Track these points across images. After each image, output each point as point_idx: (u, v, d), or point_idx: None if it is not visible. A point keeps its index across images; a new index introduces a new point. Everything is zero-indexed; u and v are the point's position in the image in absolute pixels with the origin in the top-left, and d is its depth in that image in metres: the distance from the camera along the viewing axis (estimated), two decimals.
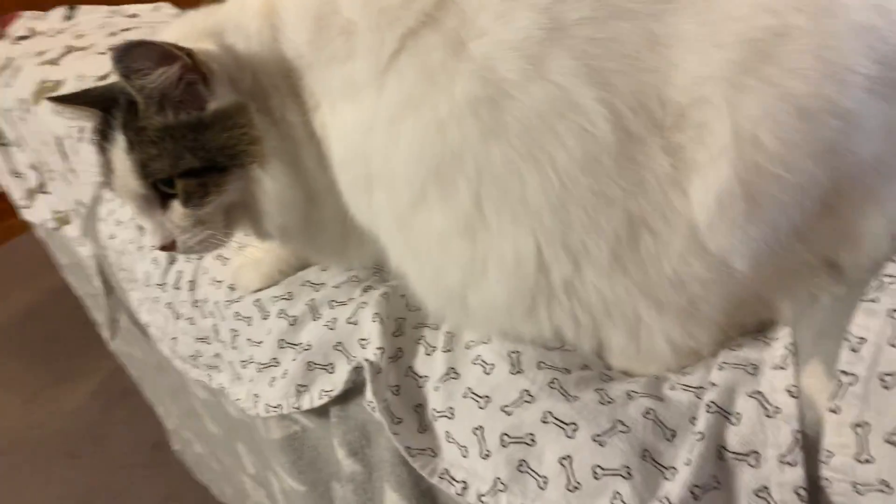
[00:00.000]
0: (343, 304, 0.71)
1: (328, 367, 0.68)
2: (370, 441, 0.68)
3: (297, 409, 0.69)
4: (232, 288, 0.80)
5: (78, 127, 1.19)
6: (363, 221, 0.63)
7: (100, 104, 0.64)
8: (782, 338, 0.53)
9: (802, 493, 0.47)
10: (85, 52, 1.40)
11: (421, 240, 0.57)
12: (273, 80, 0.61)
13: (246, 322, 0.77)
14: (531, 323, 0.58)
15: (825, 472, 0.47)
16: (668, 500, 0.49)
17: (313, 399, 0.68)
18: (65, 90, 1.28)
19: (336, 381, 0.66)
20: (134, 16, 1.59)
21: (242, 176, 0.61)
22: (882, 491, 0.45)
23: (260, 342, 0.75)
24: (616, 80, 0.49)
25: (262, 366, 0.73)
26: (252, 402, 0.74)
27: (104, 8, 1.67)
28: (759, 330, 0.56)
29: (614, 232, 0.50)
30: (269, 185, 0.61)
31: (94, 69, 1.32)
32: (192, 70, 0.59)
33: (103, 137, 0.63)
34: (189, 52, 0.59)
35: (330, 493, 0.78)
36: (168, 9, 1.68)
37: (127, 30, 1.48)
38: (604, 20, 0.49)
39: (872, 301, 0.46)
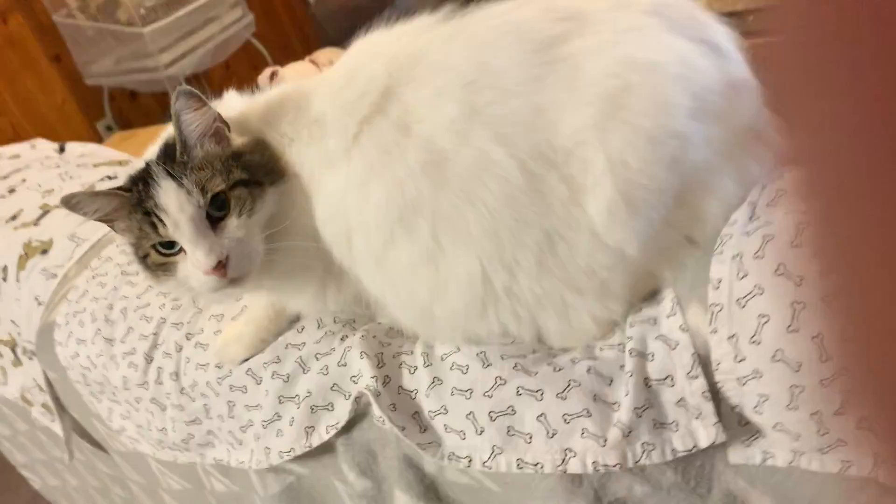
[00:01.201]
0: (328, 354, 0.86)
1: (328, 406, 0.82)
2: (376, 457, 0.83)
3: (309, 447, 0.83)
4: (219, 366, 0.93)
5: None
6: (346, 265, 0.79)
7: (121, 189, 0.77)
8: (667, 296, 0.74)
9: (707, 395, 0.68)
10: None
11: (394, 272, 0.75)
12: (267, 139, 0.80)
13: (241, 391, 0.90)
14: (484, 323, 0.76)
15: (717, 376, 0.68)
16: (621, 421, 0.68)
17: (321, 435, 0.82)
18: None
19: (339, 416, 0.81)
20: (16, 156, 1.67)
21: (275, 191, 0.77)
22: (755, 377, 0.66)
23: (257, 405, 0.89)
24: (518, 139, 0.69)
25: (266, 422, 0.86)
26: (264, 455, 0.87)
27: None
28: (651, 295, 0.77)
29: (537, 244, 0.70)
30: (297, 195, 0.78)
31: None
32: (220, 119, 0.76)
33: (141, 200, 0.75)
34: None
35: None
36: (43, 143, 1.76)
37: (18, 170, 1.56)
38: (502, 101, 0.69)
39: (721, 253, 0.68)
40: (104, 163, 1.51)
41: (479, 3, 0.75)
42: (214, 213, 0.74)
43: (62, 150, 1.66)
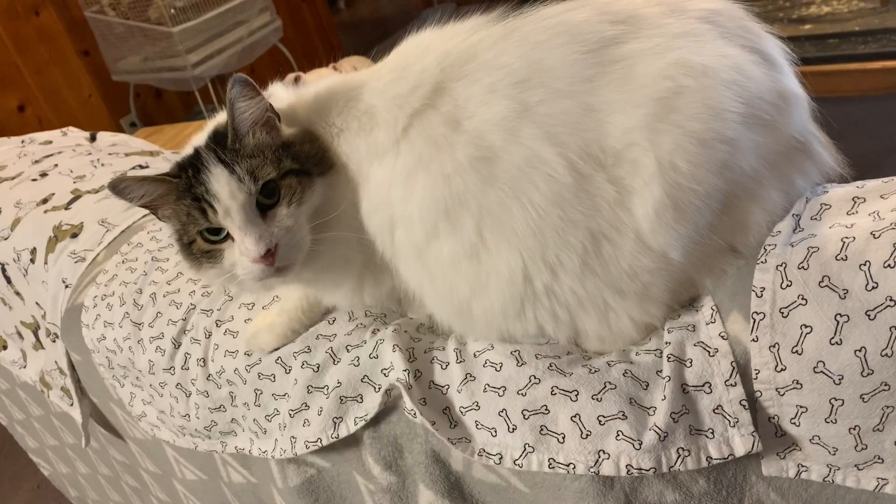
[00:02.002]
0: (358, 346, 0.86)
1: (357, 398, 0.82)
2: (402, 452, 0.82)
3: (336, 437, 0.83)
4: (248, 354, 0.93)
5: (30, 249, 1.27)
6: (386, 258, 0.80)
7: (169, 175, 0.78)
8: (707, 303, 0.74)
9: (745, 403, 0.67)
10: (15, 181, 1.48)
11: (435, 265, 0.75)
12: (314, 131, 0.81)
13: (269, 379, 0.90)
14: (520, 323, 0.76)
15: (756, 385, 0.68)
16: (657, 426, 0.67)
17: (349, 427, 0.82)
18: (3, 218, 1.35)
19: (368, 408, 0.81)
20: (48, 142, 1.68)
21: (323, 182, 0.77)
22: (795, 388, 0.66)
23: (285, 394, 0.89)
24: (567, 139, 0.69)
25: (294, 411, 0.86)
26: (289, 444, 0.87)
27: (14, 139, 1.74)
28: (690, 302, 0.77)
29: (581, 245, 0.70)
30: (346, 187, 0.78)
31: (30, 195, 1.41)
32: (271, 109, 0.77)
33: (192, 187, 0.76)
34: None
35: None
36: (75, 132, 1.78)
37: (49, 155, 1.57)
38: (553, 100, 0.70)
39: (764, 262, 0.68)
40: (135, 152, 1.52)
41: (531, 5, 0.76)
42: (264, 202, 0.75)
43: (93, 138, 1.68)
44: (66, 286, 1.21)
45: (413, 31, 0.82)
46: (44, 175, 1.45)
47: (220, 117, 0.83)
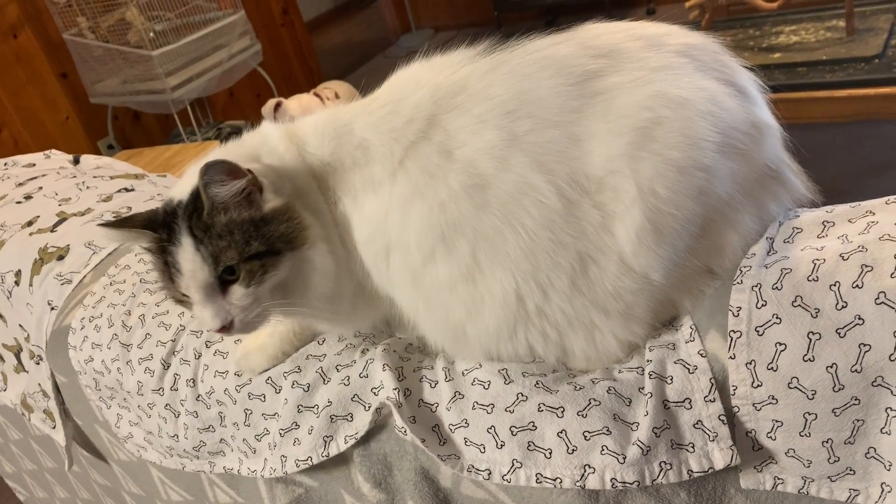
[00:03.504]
0: (348, 365, 0.88)
1: (348, 417, 0.84)
2: (391, 469, 0.84)
3: (326, 456, 0.84)
4: (238, 374, 0.94)
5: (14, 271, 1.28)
6: (381, 285, 0.82)
7: (147, 226, 0.80)
8: (686, 322, 0.77)
9: (723, 418, 0.70)
10: None
11: (431, 289, 0.77)
12: (305, 183, 0.81)
13: (259, 399, 0.91)
14: (511, 344, 0.79)
15: (734, 401, 0.71)
16: (640, 440, 0.70)
17: (340, 445, 0.84)
18: None
19: (358, 426, 0.83)
20: (31, 165, 1.69)
21: (294, 256, 0.79)
22: (771, 403, 0.69)
23: (275, 414, 0.90)
24: (555, 166, 0.73)
25: (284, 430, 0.88)
26: (279, 464, 0.88)
27: None
28: (670, 322, 0.80)
29: (570, 266, 0.73)
30: (319, 261, 0.80)
31: (15, 217, 1.41)
32: (253, 183, 0.78)
33: (163, 250, 0.79)
34: (250, 170, 0.77)
35: None
36: (58, 154, 1.78)
37: (33, 178, 1.58)
38: (541, 130, 0.73)
39: (740, 283, 0.72)
40: (120, 175, 1.53)
41: (517, 37, 0.80)
42: (226, 278, 0.77)
43: (77, 161, 1.69)
44: (52, 308, 1.21)
45: (398, 57, 0.85)
46: (28, 198, 1.46)
47: (230, 148, 0.86)
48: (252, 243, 0.76)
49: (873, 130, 2.61)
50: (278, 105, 3.13)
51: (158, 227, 0.80)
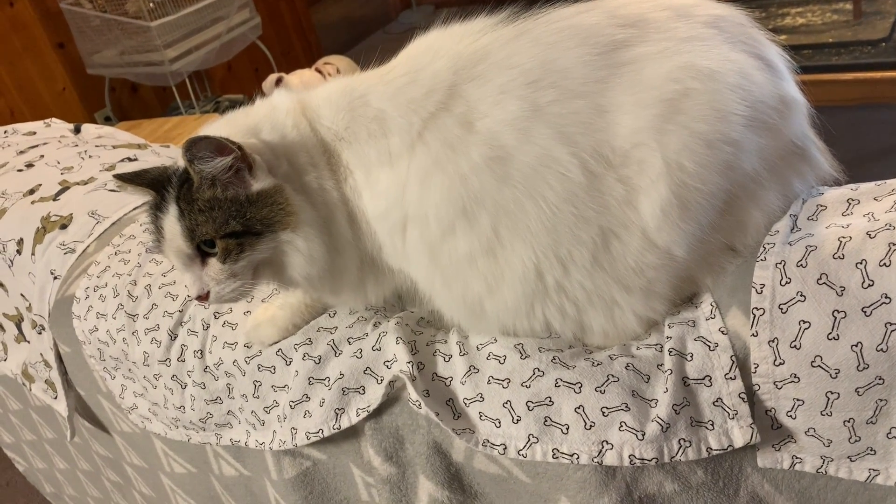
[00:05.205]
0: (360, 338, 0.87)
1: (360, 390, 0.83)
2: (403, 443, 0.83)
3: (338, 429, 0.83)
4: (248, 346, 0.93)
5: (17, 240, 1.26)
6: (395, 259, 0.81)
7: (154, 185, 0.80)
8: (706, 300, 0.76)
9: (744, 396, 0.70)
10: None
11: (449, 263, 0.76)
12: (312, 159, 0.79)
13: (269, 371, 0.90)
14: (528, 320, 0.78)
15: (755, 379, 0.70)
16: (659, 417, 0.69)
17: (351, 418, 0.83)
18: None
19: (371, 399, 0.82)
20: (32, 133, 1.66)
21: (275, 239, 0.78)
22: (793, 382, 0.68)
23: (285, 386, 0.89)
24: (579, 139, 0.71)
25: (294, 402, 0.87)
26: (289, 436, 0.87)
27: None
28: (689, 299, 0.79)
29: (592, 241, 0.72)
30: (302, 245, 0.78)
31: (16, 185, 1.40)
32: (241, 160, 0.76)
33: (157, 209, 0.79)
34: (239, 146, 0.76)
35: None
36: (58, 123, 1.76)
37: (34, 146, 1.55)
38: (565, 101, 0.71)
39: (763, 260, 0.71)
40: (122, 145, 1.51)
41: (535, 7, 0.78)
42: (205, 249, 0.79)
43: (77, 130, 1.66)
44: (55, 277, 1.20)
45: (398, 33, 0.83)
46: (30, 166, 1.44)
47: (236, 117, 0.84)
48: (230, 222, 0.76)
49: (879, 114, 2.60)
50: (279, 80, 3.09)
51: (160, 189, 0.79)
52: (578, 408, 0.72)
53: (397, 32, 5.11)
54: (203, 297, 0.80)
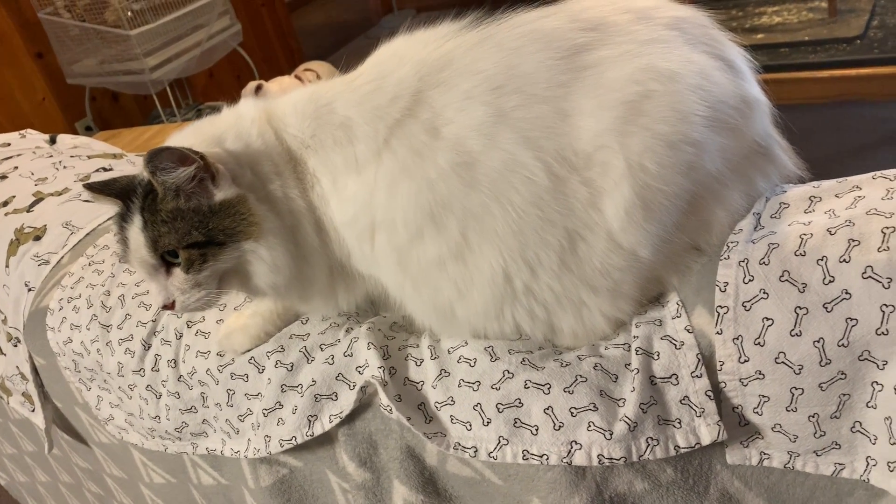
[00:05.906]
0: (332, 344, 0.87)
1: (332, 396, 0.83)
2: (377, 448, 0.83)
3: (311, 435, 0.83)
4: (220, 354, 0.93)
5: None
6: (364, 265, 0.81)
7: (121, 195, 0.80)
8: (672, 299, 0.76)
9: (710, 394, 0.70)
10: None
11: (419, 268, 0.76)
12: (277, 168, 0.79)
13: (242, 379, 0.90)
14: (498, 322, 0.78)
15: (721, 376, 0.70)
16: (627, 416, 0.70)
17: (324, 424, 0.83)
18: None
19: (343, 405, 0.82)
20: (6, 144, 1.65)
21: (238, 248, 0.78)
22: (758, 378, 0.69)
23: (258, 394, 0.89)
24: (543, 143, 0.71)
25: (268, 410, 0.87)
26: (263, 444, 0.87)
27: None
28: (656, 298, 0.79)
29: (559, 243, 0.72)
30: (266, 254, 0.78)
31: None
32: (204, 169, 0.76)
33: (123, 220, 0.80)
34: (202, 156, 0.76)
35: None
36: (33, 134, 1.75)
37: (8, 157, 1.54)
38: (529, 105, 0.72)
39: (727, 258, 0.71)
40: (98, 155, 1.50)
41: (502, 12, 0.78)
42: (169, 259, 0.79)
43: (53, 141, 1.65)
44: (30, 289, 1.19)
45: (380, 38, 0.83)
46: (3, 177, 1.43)
47: (202, 126, 0.84)
48: (193, 233, 0.76)
49: (855, 111, 2.62)
50: (259, 88, 3.08)
51: (127, 199, 0.80)
52: (547, 409, 0.73)
53: (379, 37, 5.11)
54: (169, 306, 0.80)
